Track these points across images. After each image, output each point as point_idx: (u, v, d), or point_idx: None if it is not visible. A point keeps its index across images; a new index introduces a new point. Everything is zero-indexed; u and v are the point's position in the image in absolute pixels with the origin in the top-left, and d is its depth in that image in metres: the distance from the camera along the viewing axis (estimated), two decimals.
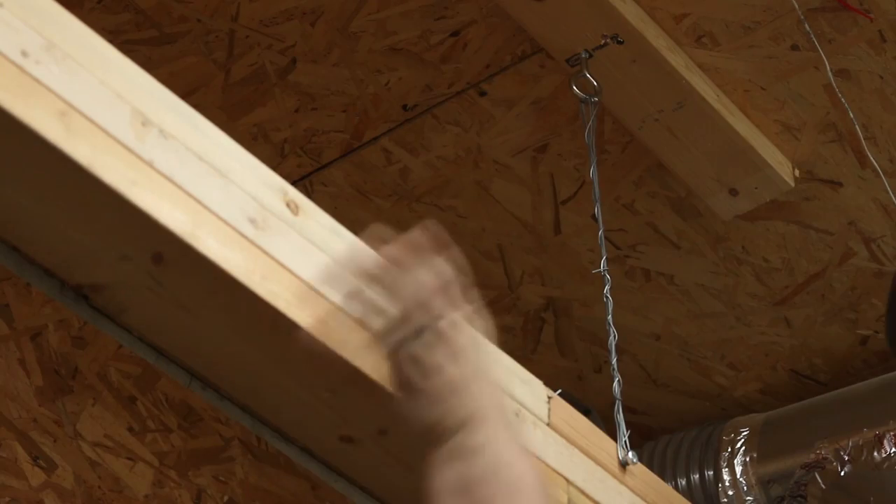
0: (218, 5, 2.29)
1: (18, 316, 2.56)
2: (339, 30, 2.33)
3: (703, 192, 2.42)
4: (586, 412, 1.60)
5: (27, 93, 0.95)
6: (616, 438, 1.60)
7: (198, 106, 1.09)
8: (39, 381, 2.54)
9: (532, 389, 1.46)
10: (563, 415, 1.50)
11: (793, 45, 2.25)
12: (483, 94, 2.41)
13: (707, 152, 2.34)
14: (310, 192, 2.56)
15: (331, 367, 1.14)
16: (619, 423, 1.67)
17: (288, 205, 1.13)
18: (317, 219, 1.16)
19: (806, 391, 2.76)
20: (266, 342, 1.13)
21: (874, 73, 2.27)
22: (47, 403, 2.53)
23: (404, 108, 2.44)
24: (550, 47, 2.25)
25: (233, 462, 2.71)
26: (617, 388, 1.72)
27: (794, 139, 2.39)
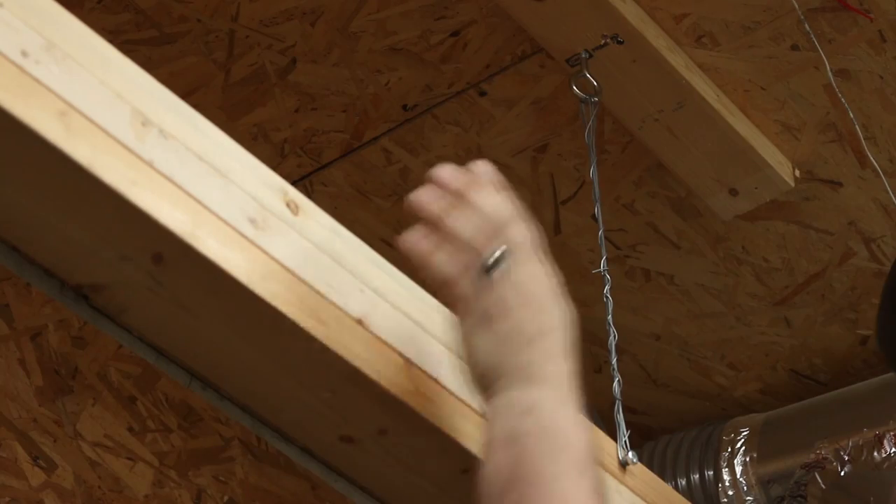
0: (218, 5, 2.29)
1: (18, 316, 2.56)
2: (339, 30, 2.33)
3: (703, 192, 2.42)
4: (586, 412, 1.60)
5: (27, 93, 0.95)
6: (616, 438, 1.59)
7: (198, 106, 1.09)
8: (39, 381, 2.54)
9: None
10: None
11: (793, 45, 2.25)
12: (483, 94, 2.41)
13: (707, 152, 2.34)
14: (310, 192, 2.56)
15: (331, 366, 1.14)
16: (619, 423, 1.67)
17: (288, 205, 1.13)
18: (317, 219, 1.16)
19: (806, 391, 2.76)
20: (266, 342, 1.13)
21: (874, 73, 2.27)
22: (47, 403, 2.53)
23: (404, 108, 2.44)
24: (550, 47, 2.25)
25: (233, 462, 2.71)
26: (617, 388, 1.71)
27: (794, 139, 2.39)
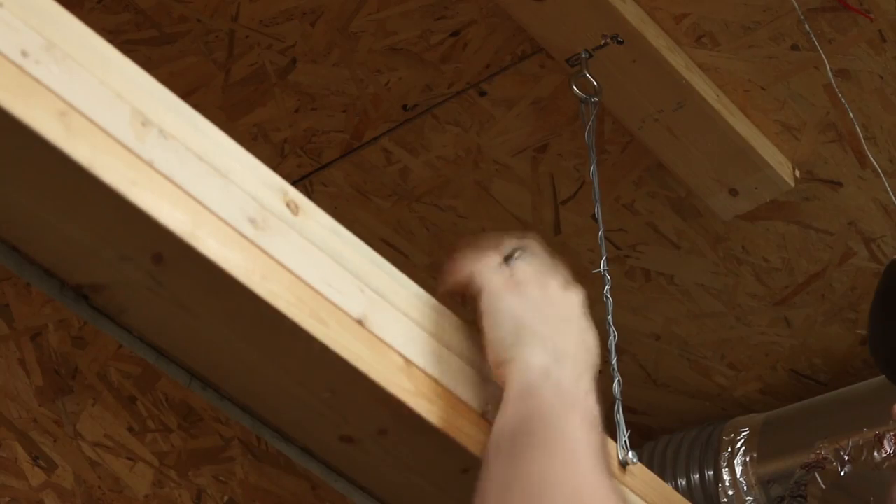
0: (218, 5, 2.29)
1: (18, 316, 2.56)
2: (339, 30, 2.33)
3: (703, 192, 2.42)
4: None
5: (27, 93, 0.95)
6: (616, 438, 1.59)
7: (198, 106, 1.09)
8: (39, 381, 2.54)
9: None
10: None
11: (793, 45, 2.25)
12: (483, 94, 2.41)
13: (707, 152, 2.34)
14: (310, 192, 2.56)
15: (331, 367, 1.14)
16: (619, 423, 1.66)
17: (288, 205, 1.13)
18: (317, 219, 1.16)
19: (806, 391, 2.77)
20: (266, 342, 1.13)
21: (874, 73, 2.27)
22: (47, 403, 2.53)
23: (404, 108, 2.44)
24: (550, 47, 2.25)
25: (233, 462, 2.71)
26: (617, 388, 1.71)
27: (794, 139, 2.39)
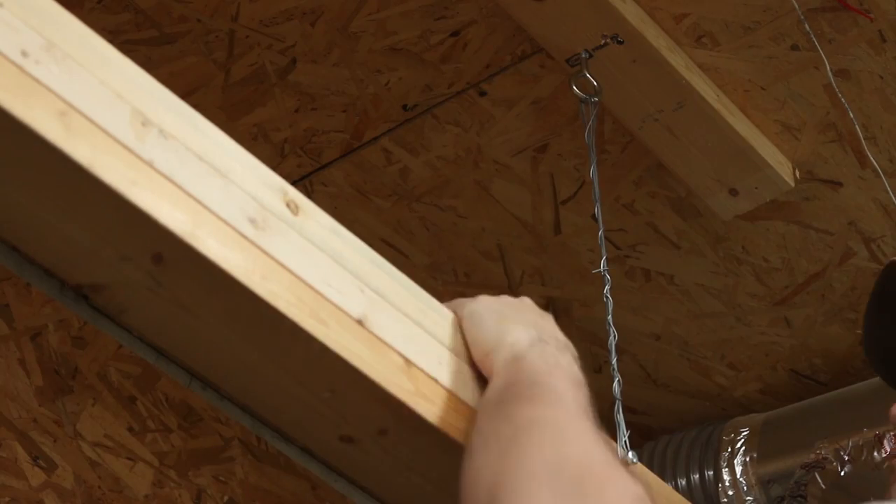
0: (218, 5, 2.29)
1: (18, 316, 2.56)
2: (339, 30, 2.33)
3: (703, 192, 2.42)
4: None
5: (27, 93, 0.95)
6: (616, 438, 1.59)
7: (198, 106, 1.09)
8: (39, 381, 2.54)
9: None
10: None
11: (793, 45, 2.25)
12: (483, 94, 2.41)
13: (707, 152, 2.34)
14: (310, 192, 2.56)
15: (331, 366, 1.14)
16: (619, 423, 1.67)
17: (288, 205, 1.13)
18: (317, 219, 1.16)
19: (806, 391, 2.77)
20: (266, 342, 1.13)
21: (874, 73, 2.27)
22: (47, 403, 2.53)
23: (404, 108, 2.44)
24: (550, 47, 2.25)
25: (233, 462, 2.72)
26: (617, 388, 1.72)
27: (794, 139, 2.39)
